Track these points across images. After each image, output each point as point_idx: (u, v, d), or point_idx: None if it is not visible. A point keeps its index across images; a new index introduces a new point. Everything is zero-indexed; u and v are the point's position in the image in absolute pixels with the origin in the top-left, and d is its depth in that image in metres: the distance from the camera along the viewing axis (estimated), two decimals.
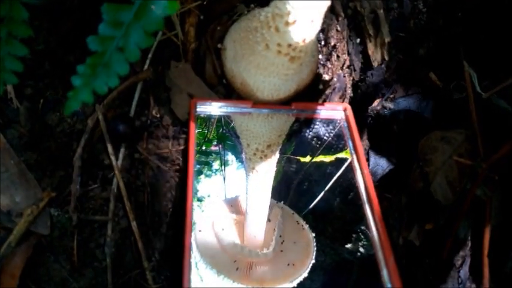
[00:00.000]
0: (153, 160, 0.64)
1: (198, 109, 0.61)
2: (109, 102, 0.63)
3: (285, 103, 0.65)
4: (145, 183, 0.64)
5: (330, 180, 0.92)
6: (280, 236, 0.89)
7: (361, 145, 0.60)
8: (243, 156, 0.79)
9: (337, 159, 0.91)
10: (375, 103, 0.83)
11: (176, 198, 0.65)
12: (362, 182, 0.59)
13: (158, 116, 0.65)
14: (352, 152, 0.62)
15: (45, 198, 0.65)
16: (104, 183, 0.68)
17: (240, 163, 0.92)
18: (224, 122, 0.88)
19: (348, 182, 0.94)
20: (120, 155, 0.63)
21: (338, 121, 0.65)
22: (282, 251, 0.86)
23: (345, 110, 0.64)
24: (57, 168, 0.67)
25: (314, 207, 0.92)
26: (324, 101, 0.68)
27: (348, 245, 1.03)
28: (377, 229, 0.53)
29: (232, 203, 0.95)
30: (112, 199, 0.63)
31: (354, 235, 1.02)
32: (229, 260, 0.82)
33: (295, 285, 0.82)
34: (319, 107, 0.64)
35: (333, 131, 0.68)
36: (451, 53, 0.85)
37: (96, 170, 0.68)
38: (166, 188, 0.65)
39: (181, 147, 0.64)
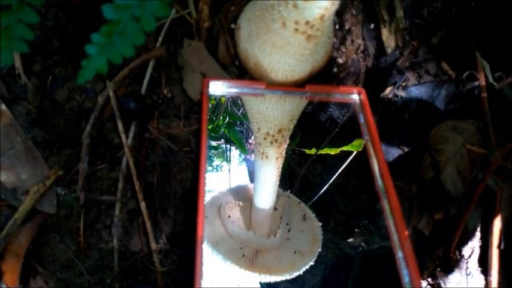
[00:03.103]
0: (163, 140, 0.63)
1: (210, 89, 0.60)
2: (120, 79, 0.62)
3: (298, 86, 0.64)
4: (155, 163, 0.63)
5: (334, 173, 0.91)
6: (287, 224, 0.88)
7: (376, 130, 0.59)
8: (253, 141, 0.78)
9: (342, 152, 0.91)
10: (387, 91, 0.82)
11: (187, 179, 0.64)
12: (377, 167, 0.58)
13: (170, 95, 0.63)
14: (367, 137, 0.60)
15: (52, 176, 0.64)
16: (113, 163, 0.67)
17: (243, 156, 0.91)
18: (232, 109, 0.87)
19: (352, 176, 0.94)
20: (131, 134, 0.62)
21: (352, 105, 0.64)
22: (288, 239, 0.85)
23: (359, 94, 0.63)
24: (65, 146, 0.65)
25: (317, 201, 0.92)
26: (338, 85, 0.66)
27: (350, 240, 1.02)
28: (393, 216, 0.52)
29: (238, 191, 0.94)
30: (121, 179, 0.62)
31: (356, 229, 1.01)
32: (236, 246, 0.81)
33: (295, 281, 0.82)
34: (333, 90, 0.63)
35: (347, 114, 0.66)
36: (464, 43, 0.84)
37: (104, 150, 0.67)
38: (176, 169, 0.63)
39: (193, 128, 0.63)
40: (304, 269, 0.81)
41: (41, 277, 0.66)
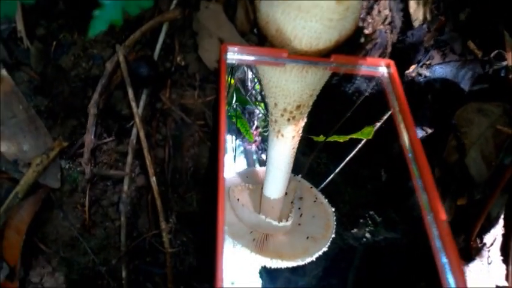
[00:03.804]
0: (176, 111, 0.58)
1: (227, 56, 0.55)
2: (131, 44, 0.57)
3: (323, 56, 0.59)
4: (167, 136, 0.59)
5: (340, 162, 0.88)
6: (299, 209, 0.85)
7: (407, 104, 0.55)
8: (268, 118, 0.74)
9: (351, 139, 0.87)
10: (410, 69, 0.77)
11: (200, 155, 0.60)
12: (409, 144, 0.53)
13: (183, 63, 0.59)
14: (397, 112, 0.56)
15: (56, 148, 0.59)
16: (121, 136, 0.62)
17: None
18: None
19: (359, 164, 0.91)
20: (141, 103, 0.58)
21: (380, 78, 0.59)
22: (300, 224, 0.82)
23: (388, 66, 0.59)
24: (70, 116, 0.61)
25: (321, 190, 0.88)
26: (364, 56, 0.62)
27: (354, 230, 0.99)
28: (428, 197, 0.48)
29: (248, 174, 0.90)
30: (130, 152, 0.58)
31: (361, 220, 0.98)
32: (246, 230, 0.77)
33: (296, 271, 0.78)
34: (360, 61, 0.58)
35: (376, 88, 0.62)
36: (491, 21, 0.79)
37: (112, 121, 0.63)
38: (189, 142, 0.59)
39: (208, 99, 0.58)
40: (316, 255, 0.77)
41: (43, 256, 0.62)
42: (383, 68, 0.59)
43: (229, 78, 0.67)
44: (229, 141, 0.93)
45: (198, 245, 0.62)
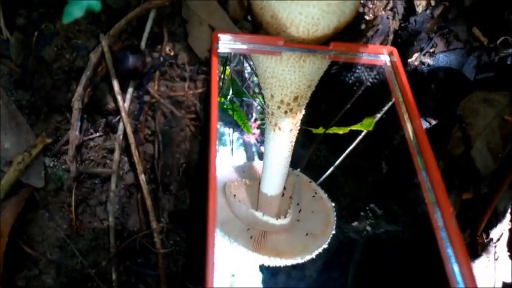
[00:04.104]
0: (165, 104, 0.55)
1: (219, 46, 0.52)
2: (116, 33, 0.53)
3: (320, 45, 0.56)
4: (156, 131, 0.55)
5: (340, 154, 0.85)
6: (298, 205, 0.82)
7: (412, 94, 0.51)
8: (265, 111, 0.70)
9: (351, 131, 0.84)
10: (413, 57, 0.74)
11: (191, 151, 0.56)
12: (413, 136, 0.50)
13: (172, 53, 0.55)
14: (401, 102, 0.53)
15: (38, 145, 0.56)
16: (108, 132, 0.59)
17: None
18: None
19: (359, 157, 0.88)
20: (128, 96, 0.54)
21: (382, 66, 0.56)
22: (298, 220, 0.79)
23: (390, 54, 0.55)
24: (53, 111, 0.57)
25: (320, 183, 0.85)
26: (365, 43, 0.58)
27: (355, 223, 0.96)
28: (432, 186, 0.45)
29: (244, 169, 0.87)
30: (117, 148, 0.54)
31: (362, 213, 0.96)
32: (242, 227, 0.75)
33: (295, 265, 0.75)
34: (361, 49, 0.55)
35: (377, 77, 0.59)
36: (497, 7, 0.76)
37: (98, 117, 0.59)
38: (180, 137, 0.56)
39: (199, 91, 0.55)
40: (316, 252, 0.74)
41: (29, 258, 0.59)
42: (385, 56, 0.56)
43: (222, 69, 0.64)
44: (227, 135, 0.90)
45: (190, 245, 0.59)
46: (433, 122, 0.73)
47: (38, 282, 0.61)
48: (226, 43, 0.52)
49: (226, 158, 0.85)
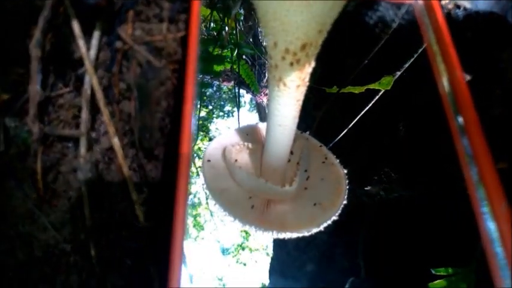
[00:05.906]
0: (142, 52, 0.45)
1: None
2: None
3: None
4: (132, 85, 0.45)
5: (355, 117, 0.76)
6: (305, 171, 0.74)
7: (450, 38, 0.40)
8: (267, 63, 0.60)
9: (367, 90, 0.74)
10: (446, 0, 0.61)
11: (175, 108, 0.47)
12: (450, 91, 0.40)
13: None
14: (436, 51, 0.42)
15: None
16: (79, 87, 0.50)
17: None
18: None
19: (375, 118, 0.80)
20: (94, 42, 0.44)
21: (412, 5, 0.45)
22: (306, 188, 0.72)
23: None
24: (10, 62, 0.48)
25: (332, 146, 0.77)
26: None
27: (368, 187, 0.91)
28: (477, 160, 0.35)
29: (247, 131, 0.79)
30: (84, 105, 0.45)
31: (375, 177, 0.90)
32: (244, 196, 0.68)
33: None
34: None
35: (405, 17, 0.47)
36: None
37: (67, 69, 0.50)
38: (160, 92, 0.46)
39: (181, 34, 0.44)
40: (325, 224, 0.67)
41: None
42: None
43: (210, 12, 0.52)
44: (236, 94, 0.80)
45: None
46: (469, 78, 0.62)
47: (11, 257, 0.54)
48: None
49: (234, 120, 0.76)
